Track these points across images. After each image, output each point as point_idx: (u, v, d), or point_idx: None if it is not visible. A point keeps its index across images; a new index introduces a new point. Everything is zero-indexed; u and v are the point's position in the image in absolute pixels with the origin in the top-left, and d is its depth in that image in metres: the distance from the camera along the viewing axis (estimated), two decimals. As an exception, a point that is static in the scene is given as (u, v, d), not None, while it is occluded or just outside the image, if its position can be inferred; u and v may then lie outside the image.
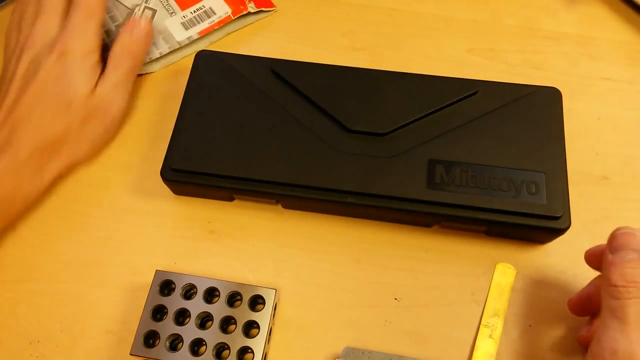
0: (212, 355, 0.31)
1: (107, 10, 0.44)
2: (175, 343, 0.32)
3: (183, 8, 0.44)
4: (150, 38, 0.40)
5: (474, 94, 0.36)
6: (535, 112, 0.36)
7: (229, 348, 0.31)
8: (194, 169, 0.35)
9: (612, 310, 0.25)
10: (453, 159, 0.34)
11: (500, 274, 0.34)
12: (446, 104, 0.36)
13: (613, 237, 0.27)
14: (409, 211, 0.33)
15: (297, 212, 0.37)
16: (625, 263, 0.26)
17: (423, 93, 0.36)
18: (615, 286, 0.25)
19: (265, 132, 0.36)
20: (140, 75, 0.43)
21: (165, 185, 0.36)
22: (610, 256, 0.26)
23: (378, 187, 0.33)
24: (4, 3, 0.47)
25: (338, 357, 0.32)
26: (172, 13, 0.44)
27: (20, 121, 0.35)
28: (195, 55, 0.39)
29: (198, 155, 0.35)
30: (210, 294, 0.33)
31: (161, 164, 0.35)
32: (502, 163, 0.34)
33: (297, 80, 0.37)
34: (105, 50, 0.39)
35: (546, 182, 0.33)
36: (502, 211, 0.33)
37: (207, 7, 0.44)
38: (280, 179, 0.34)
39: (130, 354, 0.31)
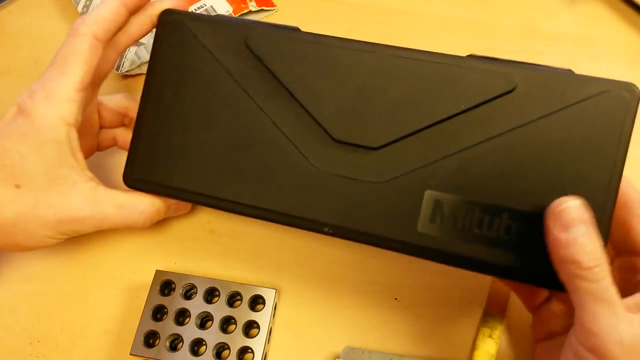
0: (212, 355, 0.31)
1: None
2: (175, 343, 0.32)
3: (183, 7, 0.44)
4: None
5: (510, 91, 0.26)
6: (597, 124, 0.25)
7: (229, 348, 0.31)
8: (154, 179, 0.31)
9: (594, 295, 0.22)
10: (460, 192, 0.27)
11: (500, 274, 0.34)
12: (467, 108, 0.27)
13: (558, 215, 0.24)
14: (396, 251, 0.28)
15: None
16: (583, 239, 0.23)
17: (437, 88, 0.27)
18: (590, 268, 0.22)
19: (232, 137, 0.30)
20: (141, 74, 0.43)
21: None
22: (563, 235, 0.23)
23: (360, 223, 0.28)
24: (4, 3, 0.47)
25: (338, 357, 0.32)
26: (172, 13, 0.44)
27: None
28: (159, 18, 0.32)
29: (158, 165, 0.31)
30: (210, 294, 0.33)
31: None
32: (526, 205, 0.26)
33: (275, 63, 0.30)
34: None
35: None
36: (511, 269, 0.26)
37: (208, 5, 0.44)
38: (246, 200, 0.30)
39: (130, 354, 0.31)
